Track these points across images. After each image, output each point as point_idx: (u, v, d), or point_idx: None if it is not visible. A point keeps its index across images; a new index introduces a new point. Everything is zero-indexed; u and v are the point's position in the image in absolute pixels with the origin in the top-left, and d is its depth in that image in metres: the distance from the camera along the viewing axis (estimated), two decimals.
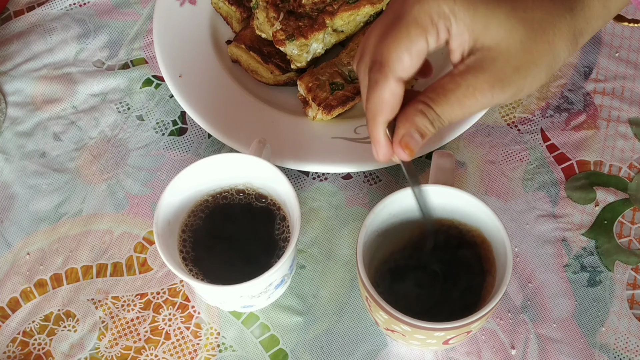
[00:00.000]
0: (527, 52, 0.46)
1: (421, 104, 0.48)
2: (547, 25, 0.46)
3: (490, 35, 0.46)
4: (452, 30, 0.47)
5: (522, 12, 0.46)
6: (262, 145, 0.63)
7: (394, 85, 0.48)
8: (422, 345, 0.57)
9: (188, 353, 0.63)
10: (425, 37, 0.47)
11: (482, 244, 0.58)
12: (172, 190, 0.59)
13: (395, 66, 0.47)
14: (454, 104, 0.47)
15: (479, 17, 0.46)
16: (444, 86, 0.48)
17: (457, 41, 0.47)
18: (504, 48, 0.46)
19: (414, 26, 0.47)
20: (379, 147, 0.51)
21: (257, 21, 0.74)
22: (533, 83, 0.48)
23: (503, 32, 0.46)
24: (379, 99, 0.48)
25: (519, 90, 0.48)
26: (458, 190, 0.56)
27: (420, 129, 0.49)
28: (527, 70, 0.47)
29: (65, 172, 0.73)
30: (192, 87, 0.74)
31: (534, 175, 0.70)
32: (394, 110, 0.49)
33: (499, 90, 0.47)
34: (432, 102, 0.48)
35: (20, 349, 0.63)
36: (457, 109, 0.47)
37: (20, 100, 0.77)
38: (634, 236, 0.67)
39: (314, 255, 0.67)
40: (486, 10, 0.46)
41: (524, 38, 0.46)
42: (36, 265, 0.67)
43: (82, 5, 0.84)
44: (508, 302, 0.64)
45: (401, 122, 0.49)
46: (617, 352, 0.61)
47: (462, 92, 0.47)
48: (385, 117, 0.49)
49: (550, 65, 0.48)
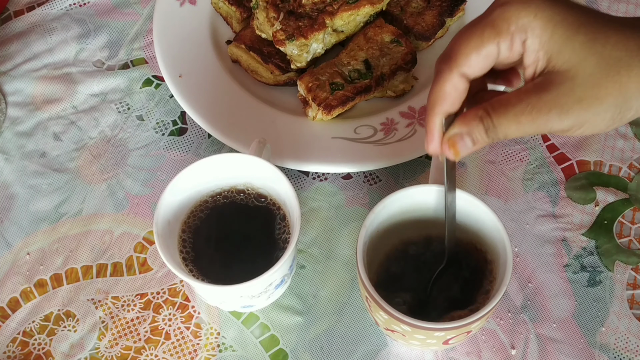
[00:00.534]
0: (594, 87, 0.45)
1: (482, 110, 0.48)
2: (622, 66, 0.45)
3: (563, 59, 0.45)
4: (527, 44, 0.46)
5: (601, 47, 0.45)
6: (262, 145, 0.63)
7: (456, 79, 0.48)
8: (422, 345, 0.57)
9: (188, 353, 0.63)
10: (497, 42, 0.47)
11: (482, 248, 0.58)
12: (172, 190, 0.59)
13: (461, 61, 0.48)
14: (511, 119, 0.47)
15: (556, 38, 0.46)
16: (509, 99, 0.47)
17: (531, 57, 0.47)
18: (572, 75, 0.45)
19: (489, 28, 0.47)
20: (430, 138, 0.51)
21: (257, 21, 0.74)
22: (595, 121, 0.46)
23: (575, 60, 0.45)
24: (440, 90, 0.49)
25: (579, 124, 0.46)
26: (458, 190, 0.56)
27: (473, 134, 0.48)
28: (589, 104, 0.45)
29: (65, 172, 0.73)
30: (192, 87, 0.74)
31: (534, 175, 0.70)
32: (454, 105, 0.49)
33: (556, 116, 0.46)
34: (492, 110, 0.47)
35: (20, 349, 0.63)
36: (513, 124, 0.47)
37: (20, 100, 0.77)
38: (634, 236, 0.67)
39: (314, 255, 0.67)
40: (565, 33, 0.45)
41: (594, 71, 0.45)
42: (36, 265, 0.67)
43: (82, 5, 0.84)
44: (508, 302, 0.64)
45: (458, 121, 0.49)
46: (617, 352, 0.61)
47: (521, 108, 0.46)
48: (442, 108, 0.49)
49: (617, 107, 0.46)
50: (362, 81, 0.71)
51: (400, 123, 0.71)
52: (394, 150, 0.69)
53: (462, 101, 0.50)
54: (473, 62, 0.48)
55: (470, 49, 0.47)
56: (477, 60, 0.47)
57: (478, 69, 0.48)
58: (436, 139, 0.51)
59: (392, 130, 0.71)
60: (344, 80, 0.71)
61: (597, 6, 0.81)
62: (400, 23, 0.76)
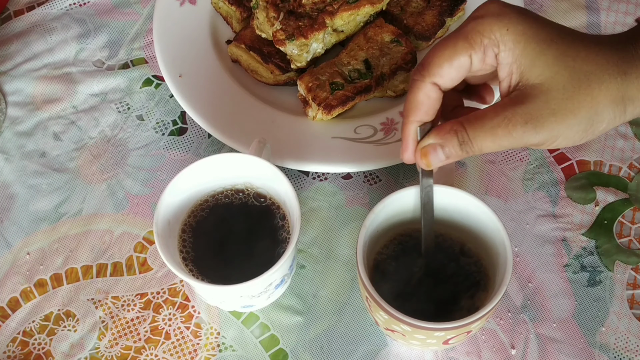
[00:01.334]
0: (567, 99, 0.46)
1: (457, 124, 0.49)
2: (593, 80, 0.46)
3: (536, 72, 0.46)
4: (500, 57, 0.47)
5: (572, 61, 0.46)
6: (262, 145, 0.63)
7: (429, 87, 0.50)
8: (422, 345, 0.57)
9: (188, 353, 0.63)
10: (469, 54, 0.48)
11: (482, 248, 0.58)
12: (172, 190, 0.59)
13: (434, 71, 0.49)
14: (487, 132, 0.48)
15: (529, 52, 0.47)
16: (485, 113, 0.48)
17: (505, 70, 0.48)
18: (545, 89, 0.46)
19: (462, 40, 0.48)
20: (404, 146, 0.52)
21: (257, 21, 0.74)
22: (569, 134, 0.47)
23: (548, 73, 0.46)
24: (413, 99, 0.51)
25: (553, 136, 0.47)
26: (458, 190, 0.56)
27: (446, 147, 0.50)
28: (563, 117, 0.46)
29: (65, 172, 0.73)
30: (192, 87, 0.74)
31: (534, 175, 0.70)
32: (428, 113, 0.51)
33: (531, 129, 0.46)
34: (468, 124, 0.48)
35: (20, 349, 0.63)
36: (488, 138, 0.48)
37: (20, 100, 0.77)
38: (634, 236, 0.67)
39: (314, 255, 0.67)
40: (537, 47, 0.46)
41: (567, 84, 0.46)
42: (36, 265, 0.67)
43: (82, 5, 0.84)
44: (508, 302, 0.64)
45: (433, 132, 0.50)
46: (617, 352, 0.61)
47: (497, 122, 0.47)
48: (416, 117, 0.51)
49: (589, 120, 0.47)
50: (362, 81, 0.71)
51: (400, 123, 0.71)
52: (394, 150, 0.69)
53: (437, 111, 0.51)
54: (445, 72, 0.49)
55: (442, 60, 0.49)
56: (449, 71, 0.49)
57: (450, 79, 0.49)
58: (410, 147, 0.52)
59: (392, 130, 0.71)
60: (344, 80, 0.71)
61: (597, 5, 0.81)
62: (400, 23, 0.76)
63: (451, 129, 0.49)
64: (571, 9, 0.81)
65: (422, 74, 0.50)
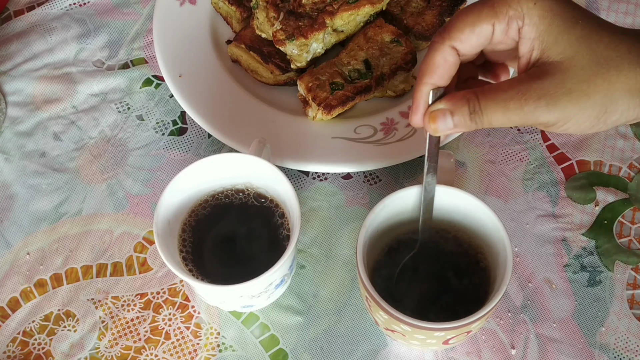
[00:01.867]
0: (583, 81, 0.46)
1: (471, 92, 0.48)
2: (612, 65, 0.45)
3: (558, 50, 0.46)
4: (523, 31, 0.47)
5: (594, 44, 0.46)
6: (262, 145, 0.63)
7: (447, 50, 0.49)
8: (422, 345, 0.57)
9: (188, 353, 0.63)
10: (493, 23, 0.47)
11: (482, 248, 0.58)
12: (172, 190, 0.59)
13: (455, 35, 0.48)
14: (499, 104, 0.47)
15: (554, 29, 0.46)
16: (500, 85, 0.48)
17: (526, 45, 0.47)
18: (565, 67, 0.46)
19: (488, 8, 0.47)
20: (414, 108, 0.52)
21: (257, 21, 0.74)
22: (580, 118, 0.46)
23: (570, 52, 0.46)
24: (430, 60, 0.50)
25: (564, 118, 0.46)
26: (458, 190, 0.56)
27: (456, 114, 0.49)
28: (577, 98, 0.46)
29: (65, 172, 0.73)
30: (192, 87, 0.74)
31: (534, 175, 0.70)
32: (443, 77, 0.50)
33: (544, 105, 0.46)
34: (482, 94, 0.48)
35: (20, 349, 0.63)
36: (500, 110, 0.47)
37: (20, 100, 0.77)
38: (634, 236, 0.67)
39: (314, 255, 0.67)
40: (562, 25, 0.46)
41: (586, 66, 0.46)
42: (36, 265, 0.67)
43: (82, 5, 0.84)
44: (508, 302, 0.64)
45: (445, 98, 0.50)
46: (617, 352, 0.61)
47: (510, 94, 0.47)
48: (430, 79, 0.50)
49: (603, 106, 0.46)
50: (362, 81, 0.71)
51: (400, 123, 0.71)
52: (394, 150, 0.69)
53: (452, 76, 0.50)
54: (466, 37, 0.48)
55: (465, 24, 0.48)
56: (469, 36, 0.48)
57: (470, 45, 0.49)
58: (420, 109, 0.51)
59: (392, 130, 0.71)
60: (344, 80, 0.71)
61: (597, 5, 0.81)
62: (400, 23, 0.76)
63: (463, 96, 0.48)
64: None
65: (442, 36, 0.49)
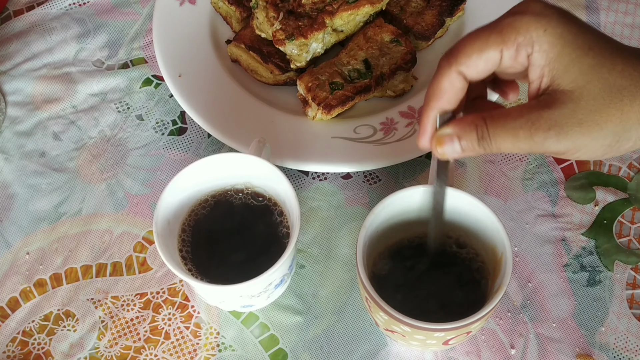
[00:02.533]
0: (595, 111, 0.45)
1: (480, 118, 0.47)
2: (626, 94, 0.45)
3: (569, 79, 0.45)
4: (532, 58, 0.46)
5: (607, 72, 0.45)
6: (261, 145, 0.63)
7: (454, 76, 0.48)
8: (421, 346, 0.57)
9: (188, 353, 0.63)
10: (501, 49, 0.46)
11: (481, 248, 0.58)
12: (171, 190, 0.59)
13: (462, 60, 0.47)
14: (508, 132, 0.46)
15: (564, 57, 0.45)
16: (509, 112, 0.47)
17: (536, 72, 0.46)
18: (576, 97, 0.45)
19: (496, 34, 0.46)
20: (422, 132, 0.51)
21: (257, 21, 0.74)
22: (592, 147, 0.46)
23: (581, 82, 0.45)
24: (437, 85, 0.49)
25: (575, 147, 0.46)
26: (457, 190, 0.56)
27: (463, 139, 0.48)
28: (589, 129, 0.45)
29: (64, 171, 0.73)
30: (191, 87, 0.74)
31: (534, 175, 0.70)
32: (450, 102, 0.49)
33: (554, 135, 0.45)
34: (490, 120, 0.47)
35: (19, 349, 0.63)
36: (509, 138, 0.46)
37: (20, 99, 0.77)
38: (633, 236, 0.67)
39: (314, 255, 0.67)
40: (573, 53, 0.45)
41: (598, 96, 0.45)
42: (36, 264, 0.67)
43: (81, 5, 0.84)
44: (508, 302, 0.64)
45: (453, 122, 0.49)
46: (616, 352, 0.61)
47: (520, 123, 0.46)
48: (437, 104, 0.49)
49: (616, 135, 0.45)
50: (362, 81, 0.71)
51: (400, 123, 0.71)
52: (393, 149, 0.69)
53: (460, 100, 0.50)
54: (473, 62, 0.47)
55: (472, 50, 0.47)
56: (477, 62, 0.47)
57: (477, 71, 0.48)
58: (428, 133, 0.50)
59: (391, 129, 0.71)
60: (344, 79, 0.71)
61: (597, 5, 0.81)
62: (399, 23, 0.76)
63: (472, 122, 0.48)
64: (571, 9, 0.80)
65: (449, 61, 0.48)
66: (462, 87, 0.49)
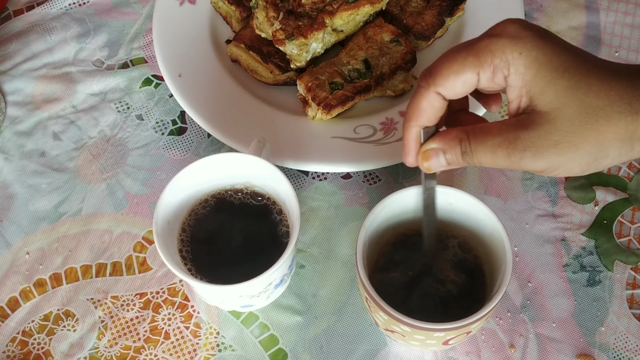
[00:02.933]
0: (571, 133, 0.45)
1: (463, 132, 0.48)
2: (601, 115, 0.45)
3: (545, 100, 0.46)
4: (509, 80, 0.47)
5: (583, 94, 0.45)
6: (261, 145, 0.63)
7: (433, 97, 0.49)
8: (421, 346, 0.57)
9: (187, 353, 0.63)
10: (477, 72, 0.47)
11: (481, 248, 0.58)
12: (171, 190, 0.59)
13: (439, 81, 0.48)
14: (488, 149, 0.47)
15: (539, 79, 0.46)
16: (490, 129, 0.48)
17: (513, 93, 0.47)
18: (552, 118, 0.45)
19: (472, 57, 0.47)
20: (406, 150, 0.52)
21: (257, 21, 0.73)
22: (569, 166, 0.46)
23: (557, 103, 0.45)
24: (416, 105, 0.50)
25: (552, 167, 0.46)
26: (457, 190, 0.56)
27: (448, 153, 0.49)
28: (564, 150, 0.45)
29: (64, 171, 0.73)
30: (191, 87, 0.74)
31: (534, 175, 0.70)
32: (430, 119, 0.50)
33: (530, 157, 0.46)
34: (473, 135, 0.48)
35: (19, 349, 0.63)
36: (488, 154, 0.47)
37: (20, 99, 0.77)
38: (633, 236, 0.67)
39: (314, 255, 0.67)
40: (549, 75, 0.46)
41: (574, 117, 0.45)
42: (35, 264, 0.67)
43: (81, 5, 0.84)
44: (508, 301, 0.64)
45: (438, 137, 0.50)
46: (616, 352, 0.61)
47: (499, 141, 0.47)
48: (417, 122, 0.50)
49: (592, 155, 0.46)
50: (362, 81, 0.71)
51: (399, 122, 0.71)
52: (393, 149, 0.69)
53: (440, 117, 0.51)
54: (450, 84, 0.48)
55: (449, 72, 0.48)
56: (454, 84, 0.48)
57: (455, 92, 0.49)
58: (412, 150, 0.52)
59: (391, 129, 0.71)
60: (344, 79, 0.71)
61: (597, 5, 0.81)
62: (399, 22, 0.76)
63: (456, 136, 0.49)
64: (571, 8, 0.81)
65: (427, 82, 0.49)
66: (441, 107, 0.50)
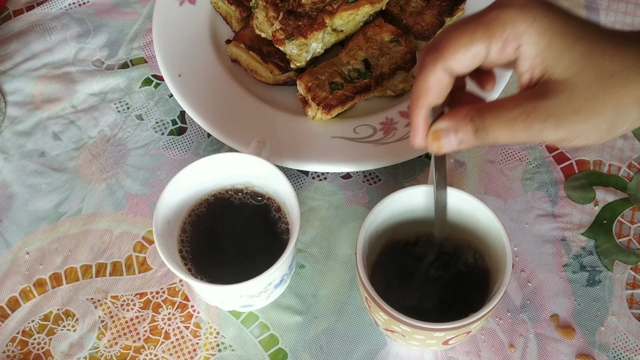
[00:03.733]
0: (591, 99, 0.44)
1: (474, 110, 0.47)
2: (619, 79, 0.44)
3: (561, 68, 0.45)
4: (521, 51, 0.46)
5: (598, 59, 0.44)
6: (261, 145, 0.63)
7: (440, 73, 0.47)
8: (421, 346, 0.57)
9: (187, 352, 0.63)
10: (487, 44, 0.46)
11: (481, 248, 0.58)
12: (171, 190, 0.59)
13: (448, 56, 0.47)
14: (504, 123, 0.46)
15: (554, 47, 0.45)
16: (504, 103, 0.46)
17: (526, 64, 0.46)
18: (570, 85, 0.45)
19: (482, 29, 0.46)
20: (414, 131, 0.50)
21: (257, 21, 0.73)
22: (590, 133, 0.46)
23: (574, 70, 0.45)
24: (424, 83, 0.48)
25: (573, 135, 0.45)
26: (457, 190, 0.56)
27: (460, 132, 0.47)
28: (586, 117, 0.45)
29: (64, 171, 0.73)
30: (191, 87, 0.74)
31: (534, 174, 0.70)
32: (438, 97, 0.49)
33: (551, 126, 0.45)
34: (486, 112, 0.46)
35: (19, 349, 0.63)
36: (505, 129, 0.46)
37: (20, 99, 0.77)
38: (633, 236, 0.67)
39: (314, 255, 0.67)
40: (562, 43, 0.45)
41: (592, 83, 0.44)
42: (35, 264, 0.67)
43: (81, 5, 0.84)
44: (507, 301, 0.64)
45: (448, 116, 0.48)
46: (616, 352, 0.61)
47: (515, 114, 0.45)
48: (426, 101, 0.49)
49: (612, 120, 0.45)
50: (362, 81, 0.71)
51: (399, 122, 0.71)
52: (393, 149, 0.69)
53: (447, 95, 0.49)
54: (459, 59, 0.47)
55: (458, 46, 0.46)
56: (463, 58, 0.47)
57: (463, 66, 0.47)
58: (421, 132, 0.49)
59: (391, 129, 0.71)
60: (344, 79, 0.71)
61: (597, 5, 0.81)
62: (399, 22, 0.76)
63: (467, 114, 0.47)
64: (570, 8, 0.81)
65: (434, 57, 0.47)
66: (448, 83, 0.48)
